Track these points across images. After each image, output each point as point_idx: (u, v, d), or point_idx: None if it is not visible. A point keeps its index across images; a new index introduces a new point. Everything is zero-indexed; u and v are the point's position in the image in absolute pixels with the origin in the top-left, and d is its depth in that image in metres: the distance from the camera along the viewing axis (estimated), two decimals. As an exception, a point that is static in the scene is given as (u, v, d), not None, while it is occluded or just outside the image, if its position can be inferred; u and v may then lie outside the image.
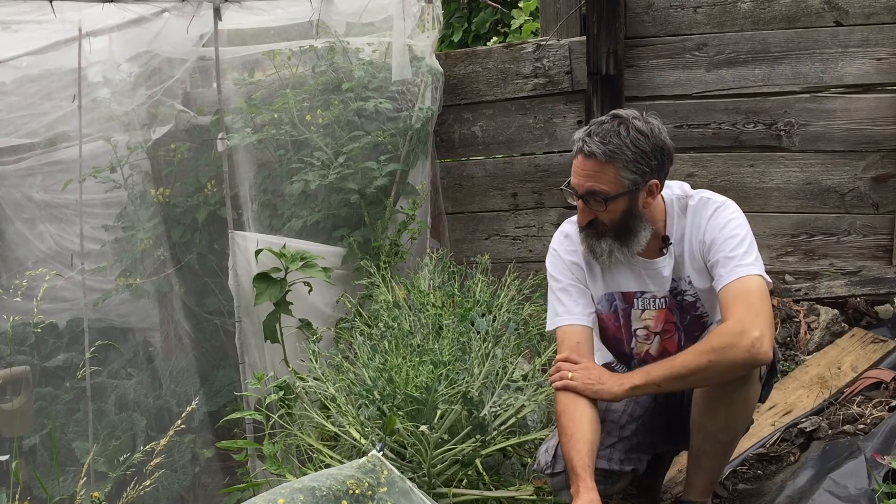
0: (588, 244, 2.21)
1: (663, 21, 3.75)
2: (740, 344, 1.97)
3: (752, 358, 1.98)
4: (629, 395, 2.12)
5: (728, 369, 2.01)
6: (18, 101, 3.85)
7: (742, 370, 2.03)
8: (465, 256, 3.66)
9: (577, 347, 2.20)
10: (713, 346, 2.01)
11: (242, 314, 3.40)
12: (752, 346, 1.97)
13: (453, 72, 4.08)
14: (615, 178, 2.10)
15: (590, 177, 2.11)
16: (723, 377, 2.05)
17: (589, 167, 2.11)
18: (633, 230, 2.17)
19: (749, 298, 2.03)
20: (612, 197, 2.11)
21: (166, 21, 3.50)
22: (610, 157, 2.08)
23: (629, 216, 2.15)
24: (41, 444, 3.61)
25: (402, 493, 1.85)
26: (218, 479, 3.68)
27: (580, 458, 2.02)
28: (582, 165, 2.12)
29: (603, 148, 2.08)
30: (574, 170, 2.15)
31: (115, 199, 4.00)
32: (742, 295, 2.04)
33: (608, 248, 2.18)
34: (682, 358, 2.07)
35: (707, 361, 2.00)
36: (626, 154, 2.08)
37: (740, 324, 1.99)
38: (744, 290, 2.05)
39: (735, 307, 2.03)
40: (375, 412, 2.30)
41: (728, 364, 1.99)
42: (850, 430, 2.75)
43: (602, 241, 2.18)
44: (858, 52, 3.53)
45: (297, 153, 3.67)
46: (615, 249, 2.17)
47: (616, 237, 2.17)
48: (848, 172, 3.62)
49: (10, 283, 3.53)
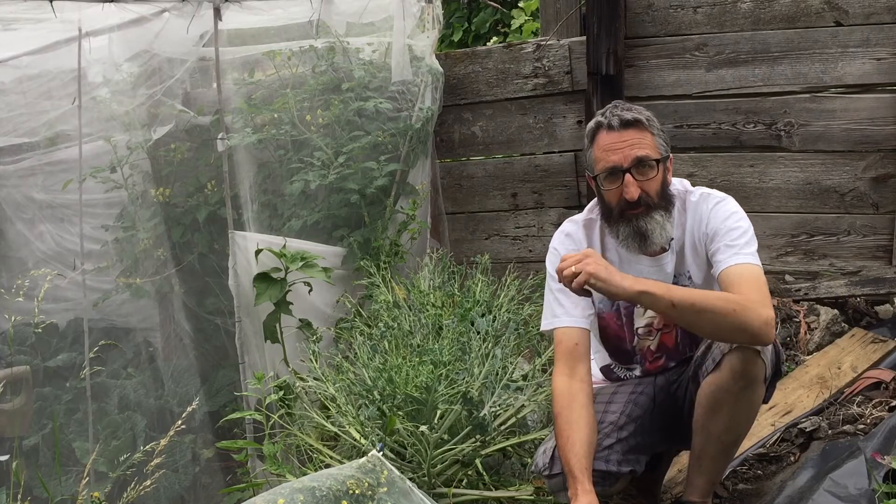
0: (637, 227, 2.14)
1: (663, 21, 3.75)
2: (760, 314, 1.97)
3: (765, 333, 1.97)
4: (634, 298, 2.01)
5: (741, 328, 1.97)
6: (18, 101, 3.85)
7: (749, 338, 2.00)
8: (465, 256, 3.66)
9: (575, 349, 2.20)
10: (739, 301, 1.97)
11: (242, 314, 3.41)
12: (766, 322, 1.97)
13: (453, 72, 4.08)
14: (654, 143, 2.15)
15: (634, 145, 2.12)
16: (731, 334, 2.01)
17: (630, 136, 2.12)
18: (673, 202, 2.19)
19: (757, 282, 2.03)
20: (659, 160, 2.14)
21: (166, 21, 3.50)
22: (647, 121, 2.14)
23: (666, 186, 2.18)
24: (43, 444, 3.62)
25: (402, 493, 1.85)
26: (218, 479, 3.68)
27: (577, 461, 2.02)
28: (621, 137, 2.12)
29: (638, 115, 2.13)
30: (609, 147, 2.13)
31: (116, 199, 4.01)
32: (751, 278, 2.04)
33: (661, 221, 2.14)
34: (707, 294, 2.02)
35: (731, 309, 1.96)
36: (654, 122, 2.17)
37: (759, 299, 1.99)
38: (751, 274, 2.05)
39: (745, 286, 2.02)
40: (375, 412, 2.30)
41: (744, 323, 1.96)
42: (850, 430, 2.75)
43: (655, 214, 2.14)
44: (858, 52, 3.53)
45: (297, 153, 3.67)
46: (666, 223, 2.15)
47: (665, 209, 2.16)
48: (848, 172, 3.62)
49: (12, 284, 3.52)
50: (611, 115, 2.15)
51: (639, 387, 2.36)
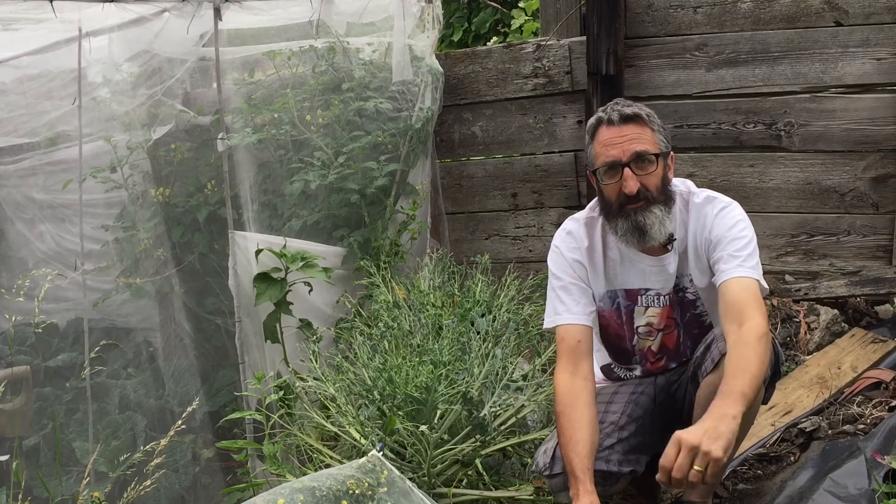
0: (636, 221, 2.15)
1: (663, 21, 3.75)
2: (768, 346, 2.00)
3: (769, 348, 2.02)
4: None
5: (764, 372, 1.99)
6: (19, 101, 3.85)
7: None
8: (465, 256, 3.66)
9: (578, 346, 2.20)
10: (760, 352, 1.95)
11: (243, 314, 3.41)
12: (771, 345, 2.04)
13: (453, 72, 4.08)
14: (654, 139, 2.16)
15: (634, 140, 2.13)
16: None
17: (629, 131, 2.13)
18: (673, 199, 2.20)
19: (759, 301, 2.06)
20: (659, 154, 2.15)
21: (166, 21, 3.50)
22: (647, 117, 2.16)
23: (667, 182, 2.19)
24: (43, 444, 3.62)
25: (402, 493, 1.85)
26: (218, 479, 3.68)
27: (580, 461, 2.02)
28: (620, 132, 2.14)
29: (637, 111, 2.15)
30: (609, 142, 2.14)
31: (116, 199, 4.01)
32: (753, 296, 2.06)
33: (660, 215, 2.15)
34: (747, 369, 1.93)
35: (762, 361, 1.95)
36: (654, 118, 2.18)
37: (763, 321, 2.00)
38: (754, 291, 2.07)
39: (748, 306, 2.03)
40: (375, 412, 2.30)
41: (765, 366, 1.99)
42: (850, 430, 2.75)
43: (654, 208, 2.14)
44: (858, 52, 3.53)
45: (297, 153, 3.67)
46: (665, 218, 2.16)
47: (664, 204, 2.16)
48: (848, 172, 3.62)
49: (12, 284, 3.53)
50: (611, 111, 2.17)
51: (639, 387, 2.36)
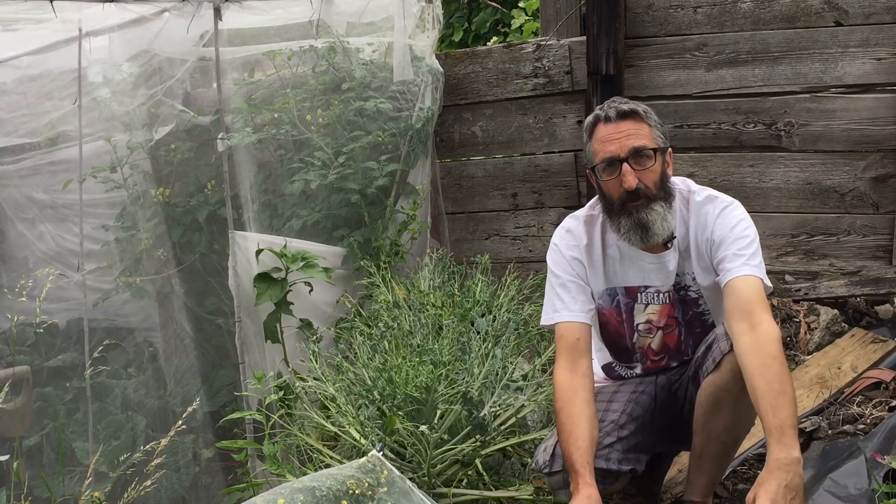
0: (639, 218, 2.14)
1: (663, 21, 3.75)
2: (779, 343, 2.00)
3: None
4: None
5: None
6: (19, 101, 3.85)
7: None
8: (465, 256, 3.66)
9: (577, 344, 2.20)
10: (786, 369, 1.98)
11: (243, 314, 3.41)
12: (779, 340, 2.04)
13: (453, 72, 4.08)
14: (651, 134, 2.17)
15: (632, 135, 2.14)
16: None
17: (626, 127, 2.14)
18: (673, 195, 2.20)
19: (764, 300, 2.06)
20: (657, 149, 2.15)
21: (166, 21, 3.50)
22: (644, 113, 2.17)
23: (666, 178, 2.19)
24: (45, 444, 3.62)
25: (402, 493, 1.85)
26: (218, 478, 3.68)
27: (580, 455, 2.02)
28: (618, 128, 2.15)
29: (634, 107, 2.16)
30: (606, 138, 2.16)
31: (116, 199, 4.01)
32: (760, 295, 2.07)
33: (662, 212, 2.15)
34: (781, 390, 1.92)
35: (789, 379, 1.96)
36: (651, 114, 2.19)
37: (770, 319, 2.02)
38: (759, 290, 2.08)
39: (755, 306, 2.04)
40: (375, 412, 2.30)
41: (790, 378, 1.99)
42: (850, 430, 2.75)
43: (655, 205, 2.14)
44: (858, 52, 3.53)
45: (297, 153, 3.67)
46: (667, 214, 2.16)
47: (665, 200, 2.17)
48: (848, 172, 3.62)
49: (13, 284, 3.53)
50: (608, 108, 2.18)
51: (640, 386, 2.36)
